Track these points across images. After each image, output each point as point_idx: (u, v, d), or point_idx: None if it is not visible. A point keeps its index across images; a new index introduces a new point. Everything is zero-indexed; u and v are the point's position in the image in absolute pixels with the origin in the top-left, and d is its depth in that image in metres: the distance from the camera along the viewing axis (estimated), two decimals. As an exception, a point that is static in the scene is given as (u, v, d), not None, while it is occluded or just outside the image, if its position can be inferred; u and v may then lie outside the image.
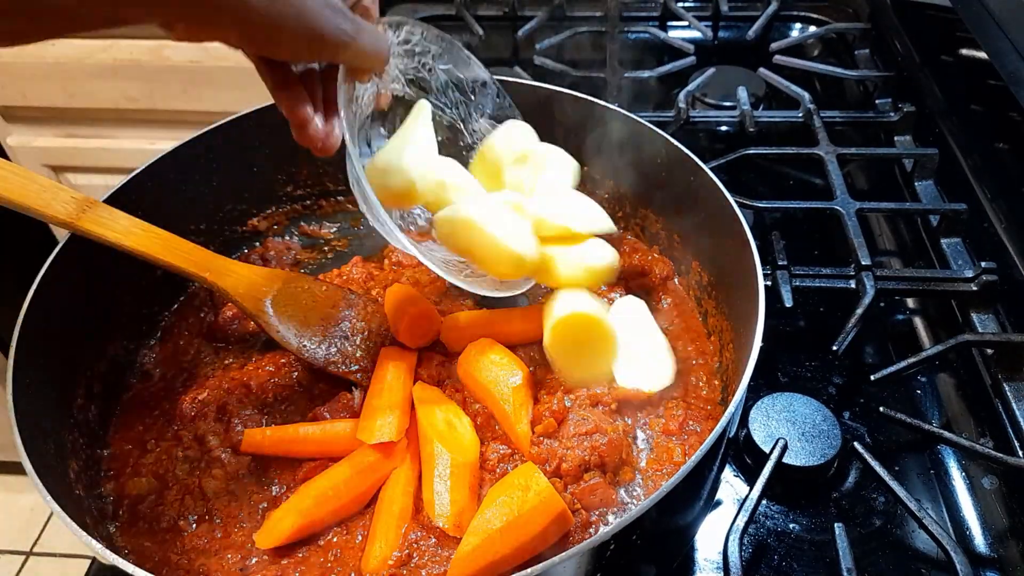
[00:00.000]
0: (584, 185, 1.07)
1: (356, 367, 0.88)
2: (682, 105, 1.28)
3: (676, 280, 1.00)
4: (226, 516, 0.78)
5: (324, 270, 1.05)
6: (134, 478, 0.81)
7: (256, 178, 1.04)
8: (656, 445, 0.82)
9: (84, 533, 0.60)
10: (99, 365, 0.87)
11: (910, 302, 1.07)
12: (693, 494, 0.70)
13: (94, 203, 0.81)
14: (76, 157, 2.05)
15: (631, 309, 0.91)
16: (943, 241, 1.08)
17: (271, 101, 0.99)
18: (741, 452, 0.88)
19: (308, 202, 1.10)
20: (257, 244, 1.07)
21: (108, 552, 0.59)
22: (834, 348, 0.92)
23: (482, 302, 0.99)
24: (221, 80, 1.84)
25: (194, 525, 0.78)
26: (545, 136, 1.04)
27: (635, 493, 0.78)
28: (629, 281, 0.99)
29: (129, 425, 0.87)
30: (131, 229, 0.82)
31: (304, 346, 0.88)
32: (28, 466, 0.65)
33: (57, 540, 2.37)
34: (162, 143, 0.94)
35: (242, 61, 1.97)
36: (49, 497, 0.63)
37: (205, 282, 0.86)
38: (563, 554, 0.55)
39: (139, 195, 0.90)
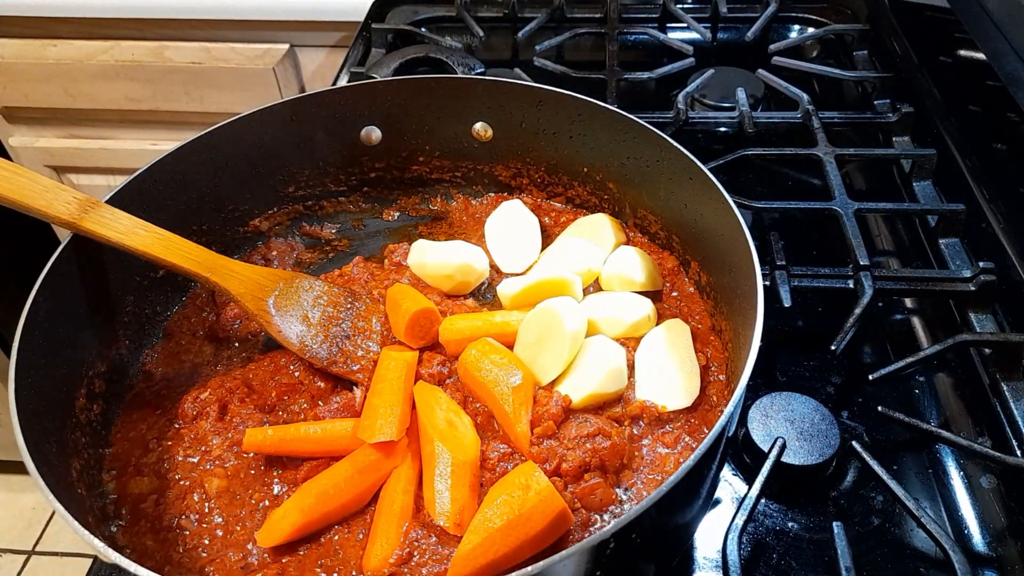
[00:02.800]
0: (585, 187, 1.08)
1: (357, 366, 0.89)
2: (681, 106, 1.29)
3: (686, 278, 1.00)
4: (228, 515, 0.79)
5: (325, 270, 1.06)
6: (136, 477, 0.82)
7: (258, 179, 1.04)
8: (655, 453, 0.82)
9: (86, 532, 0.61)
10: (101, 364, 0.87)
11: (908, 302, 1.07)
12: (692, 493, 0.70)
13: (96, 203, 0.82)
14: (78, 158, 2.05)
15: (673, 331, 0.91)
16: (941, 241, 1.09)
17: (272, 102, 1.01)
18: (740, 451, 0.88)
19: (310, 203, 1.10)
20: (259, 244, 1.08)
21: (110, 551, 0.59)
22: (832, 348, 0.92)
23: (483, 303, 1.00)
24: (222, 81, 1.84)
25: (196, 524, 0.78)
26: (544, 137, 1.05)
27: (635, 493, 0.79)
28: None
29: (131, 424, 0.87)
30: (133, 229, 0.83)
31: (306, 345, 0.88)
32: (30, 465, 0.65)
33: (59, 539, 2.38)
34: (164, 144, 0.95)
35: (243, 63, 1.99)
36: (51, 496, 0.63)
37: (207, 282, 0.86)
38: (563, 552, 0.55)
39: (141, 196, 0.91)
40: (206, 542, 0.77)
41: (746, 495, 0.78)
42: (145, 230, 0.84)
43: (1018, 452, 0.86)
